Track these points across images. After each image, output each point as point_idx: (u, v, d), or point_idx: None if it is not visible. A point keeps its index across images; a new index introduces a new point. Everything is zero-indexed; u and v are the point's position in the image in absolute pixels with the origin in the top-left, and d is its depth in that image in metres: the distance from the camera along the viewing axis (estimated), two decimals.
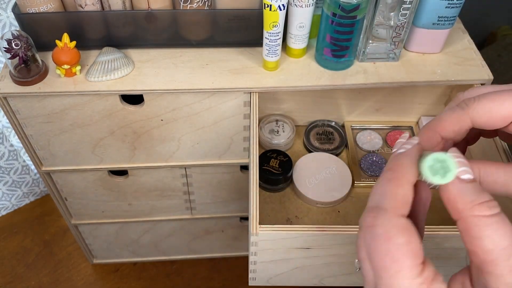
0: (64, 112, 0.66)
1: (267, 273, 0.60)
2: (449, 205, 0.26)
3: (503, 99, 0.31)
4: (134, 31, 0.67)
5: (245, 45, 0.70)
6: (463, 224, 0.25)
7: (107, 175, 0.80)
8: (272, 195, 0.71)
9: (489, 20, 1.36)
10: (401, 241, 0.25)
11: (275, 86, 0.64)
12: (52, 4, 0.63)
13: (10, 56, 0.60)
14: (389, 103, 0.79)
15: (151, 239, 1.02)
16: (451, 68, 0.68)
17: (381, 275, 0.25)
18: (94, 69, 0.63)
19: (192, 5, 0.64)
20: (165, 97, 0.65)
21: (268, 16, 0.59)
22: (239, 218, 0.96)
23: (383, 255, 0.25)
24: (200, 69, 0.66)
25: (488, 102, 0.31)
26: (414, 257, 0.25)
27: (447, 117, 0.32)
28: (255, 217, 0.51)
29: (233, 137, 0.73)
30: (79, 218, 0.92)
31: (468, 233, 0.25)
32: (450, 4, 0.63)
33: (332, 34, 0.62)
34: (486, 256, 0.24)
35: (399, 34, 0.65)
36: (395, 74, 0.66)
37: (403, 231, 0.25)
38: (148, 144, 0.74)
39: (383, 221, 0.25)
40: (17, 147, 1.09)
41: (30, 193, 1.23)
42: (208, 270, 1.12)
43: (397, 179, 0.27)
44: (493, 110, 0.31)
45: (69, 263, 1.12)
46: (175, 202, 0.89)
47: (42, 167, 0.76)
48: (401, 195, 0.26)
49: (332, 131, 0.79)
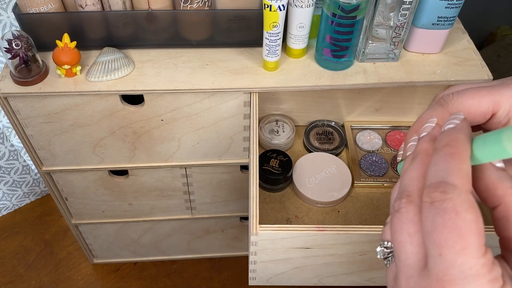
0: (65, 112, 0.66)
1: (267, 273, 0.60)
2: (487, 192, 0.26)
3: (481, 96, 0.31)
4: (135, 32, 0.67)
5: (245, 45, 0.70)
6: (505, 209, 0.25)
7: (107, 175, 0.80)
8: (272, 195, 0.72)
9: (489, 20, 1.36)
10: (470, 218, 0.24)
11: (275, 86, 0.65)
12: (52, 5, 0.63)
13: (11, 56, 0.60)
14: (388, 103, 0.79)
15: (151, 239, 1.02)
16: (450, 68, 0.68)
17: (442, 252, 0.24)
18: (95, 69, 0.63)
19: (192, 5, 0.64)
20: (166, 97, 0.65)
21: (268, 16, 0.59)
22: (239, 218, 0.96)
23: (451, 230, 0.24)
24: (200, 69, 0.66)
25: (467, 99, 0.31)
26: (481, 236, 0.24)
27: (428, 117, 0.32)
28: (255, 217, 0.51)
29: (233, 137, 0.73)
30: (79, 218, 0.92)
31: (508, 218, 0.25)
32: (450, 4, 0.63)
33: (332, 34, 0.62)
34: None
35: (399, 34, 0.65)
36: (395, 74, 0.67)
37: (472, 208, 0.24)
38: (148, 144, 0.74)
39: (452, 195, 0.24)
40: (17, 147, 1.09)
41: (30, 193, 1.23)
42: (208, 270, 1.12)
43: (459, 154, 0.26)
44: (473, 107, 0.31)
45: (70, 262, 1.13)
46: (175, 202, 0.89)
47: (43, 167, 0.76)
48: (466, 171, 0.25)
49: (332, 131, 0.80)
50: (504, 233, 0.25)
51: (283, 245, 0.54)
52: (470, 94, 0.32)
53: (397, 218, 0.27)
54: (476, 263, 0.23)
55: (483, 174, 0.26)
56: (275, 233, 0.51)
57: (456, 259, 0.23)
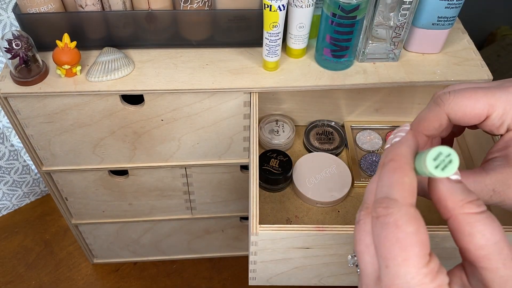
0: (65, 112, 0.66)
1: (267, 273, 0.60)
2: (439, 204, 0.27)
3: (477, 97, 0.32)
4: (135, 32, 0.67)
5: (245, 45, 0.70)
6: (455, 223, 0.26)
7: (107, 175, 0.80)
8: (272, 195, 0.72)
9: (489, 20, 1.36)
10: (411, 230, 0.25)
11: (275, 86, 0.65)
12: (52, 5, 0.63)
13: (11, 56, 0.60)
14: (388, 103, 0.79)
15: (151, 239, 1.02)
16: (450, 68, 0.68)
17: (388, 264, 0.25)
18: (95, 69, 0.63)
19: (192, 5, 0.64)
20: (166, 97, 0.65)
21: (268, 16, 0.59)
22: (239, 218, 0.96)
23: (392, 243, 0.25)
24: (200, 69, 0.66)
25: (463, 99, 0.32)
26: (422, 246, 0.25)
27: (426, 116, 0.33)
28: (255, 217, 0.51)
29: (233, 137, 0.74)
30: (79, 218, 0.92)
31: (459, 231, 0.25)
32: (450, 5, 0.63)
33: (332, 34, 0.62)
34: (479, 251, 0.24)
35: (399, 34, 0.65)
36: (395, 74, 0.67)
37: (412, 220, 0.25)
38: (149, 144, 0.74)
39: (393, 210, 0.26)
40: (17, 147, 1.09)
41: (30, 193, 1.23)
42: (208, 270, 1.12)
43: (401, 168, 0.27)
44: (468, 108, 0.32)
45: (70, 262, 1.13)
46: (175, 202, 0.89)
47: (43, 167, 0.76)
48: (408, 184, 0.26)
49: (332, 131, 0.80)
50: (458, 243, 0.26)
51: (283, 245, 0.54)
52: (466, 94, 0.32)
53: (357, 229, 0.28)
54: (418, 273, 0.24)
55: (436, 186, 0.27)
56: (275, 233, 0.51)
57: (399, 271, 0.24)
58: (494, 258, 0.24)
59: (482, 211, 0.25)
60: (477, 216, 0.25)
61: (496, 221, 0.25)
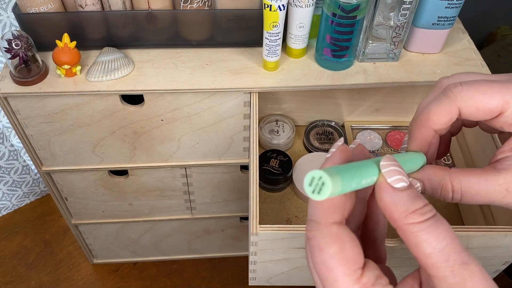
0: (65, 112, 0.66)
1: (267, 273, 0.60)
2: (386, 215, 0.26)
3: (493, 92, 0.30)
4: (134, 31, 0.67)
5: (245, 45, 0.70)
6: (401, 233, 0.25)
7: (107, 175, 0.80)
8: (272, 195, 0.72)
9: (489, 20, 1.36)
10: (333, 251, 0.25)
11: (275, 86, 0.65)
12: (52, 4, 0.63)
13: (11, 56, 0.60)
14: (389, 103, 0.79)
15: (151, 239, 1.02)
16: (450, 68, 0.68)
17: (324, 284, 0.25)
18: (95, 69, 0.63)
19: (192, 5, 0.64)
20: (165, 97, 0.65)
21: (268, 16, 0.59)
22: (239, 218, 0.96)
23: (320, 266, 0.25)
24: (200, 69, 0.66)
25: (478, 93, 0.30)
26: (348, 264, 0.25)
27: (436, 109, 0.31)
28: (255, 217, 0.51)
29: (233, 137, 0.73)
30: (79, 218, 0.92)
31: (407, 241, 0.25)
32: (450, 4, 0.63)
33: (332, 34, 0.62)
34: (427, 260, 0.24)
35: (399, 34, 0.65)
36: (395, 74, 0.66)
37: (333, 240, 0.25)
38: (148, 144, 0.74)
39: (315, 233, 0.26)
40: (17, 147, 1.09)
41: (30, 193, 1.23)
42: (208, 270, 1.12)
43: None
44: (482, 103, 0.30)
45: (70, 263, 1.13)
46: (175, 202, 0.89)
47: (43, 167, 0.76)
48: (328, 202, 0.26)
49: (332, 131, 0.80)
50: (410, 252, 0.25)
51: (283, 245, 0.54)
52: (481, 89, 0.30)
53: (306, 245, 0.29)
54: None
55: (380, 196, 0.26)
56: (275, 233, 0.51)
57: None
58: (442, 266, 0.23)
59: (427, 218, 0.24)
60: (420, 226, 0.24)
61: (443, 225, 0.24)
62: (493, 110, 0.30)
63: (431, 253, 0.24)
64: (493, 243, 0.53)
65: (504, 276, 0.98)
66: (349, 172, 0.24)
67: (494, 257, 0.56)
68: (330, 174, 0.23)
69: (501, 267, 0.60)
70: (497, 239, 0.52)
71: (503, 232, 0.51)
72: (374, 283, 0.25)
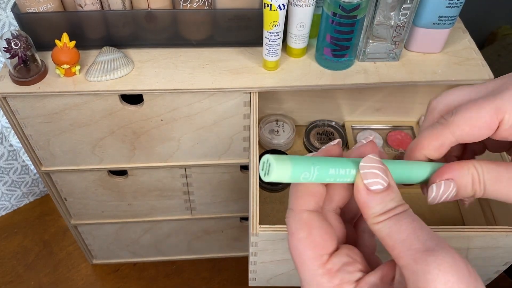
0: (64, 112, 0.66)
1: (267, 274, 0.60)
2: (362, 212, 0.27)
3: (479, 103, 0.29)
4: (134, 31, 0.66)
5: (245, 45, 0.70)
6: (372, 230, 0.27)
7: (106, 175, 0.80)
8: (272, 195, 0.71)
9: (490, 20, 1.36)
10: (302, 235, 0.27)
11: (275, 86, 0.64)
12: (51, 4, 0.63)
13: (10, 56, 0.60)
14: (389, 103, 0.78)
15: (151, 239, 1.02)
16: (451, 68, 0.67)
17: (296, 267, 0.27)
18: (94, 69, 0.63)
19: (192, 5, 0.64)
20: (165, 97, 0.65)
21: (268, 15, 0.59)
22: (239, 218, 0.96)
23: (292, 249, 0.27)
24: (200, 69, 0.66)
25: (466, 111, 0.30)
26: (315, 249, 0.26)
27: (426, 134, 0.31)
28: (255, 217, 0.51)
29: (233, 137, 0.73)
30: (78, 218, 0.92)
31: (377, 237, 0.26)
32: (451, 4, 0.63)
33: (333, 33, 0.62)
34: (393, 252, 0.25)
35: (400, 33, 0.65)
36: (396, 74, 0.66)
37: (303, 225, 0.27)
38: (148, 144, 0.74)
39: (289, 219, 0.28)
40: (16, 147, 1.09)
41: (29, 193, 1.23)
42: (208, 270, 1.12)
43: None
44: (473, 119, 0.29)
45: (69, 263, 1.12)
46: (175, 202, 0.89)
47: (42, 167, 0.76)
48: (301, 190, 0.28)
49: (332, 131, 0.79)
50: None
51: (283, 246, 0.53)
52: (468, 105, 0.30)
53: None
54: (314, 274, 0.26)
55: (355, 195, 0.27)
56: (275, 233, 0.51)
57: (301, 274, 0.27)
58: (405, 255, 0.24)
59: (391, 216, 0.26)
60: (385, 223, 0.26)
61: (406, 219, 0.25)
62: (488, 122, 0.29)
63: (393, 244, 0.25)
64: (494, 243, 0.52)
65: (505, 277, 0.98)
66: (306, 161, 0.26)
67: (495, 257, 0.56)
68: (275, 158, 0.25)
69: (502, 267, 0.59)
70: (498, 239, 0.52)
71: (504, 232, 0.51)
72: (339, 269, 0.26)
